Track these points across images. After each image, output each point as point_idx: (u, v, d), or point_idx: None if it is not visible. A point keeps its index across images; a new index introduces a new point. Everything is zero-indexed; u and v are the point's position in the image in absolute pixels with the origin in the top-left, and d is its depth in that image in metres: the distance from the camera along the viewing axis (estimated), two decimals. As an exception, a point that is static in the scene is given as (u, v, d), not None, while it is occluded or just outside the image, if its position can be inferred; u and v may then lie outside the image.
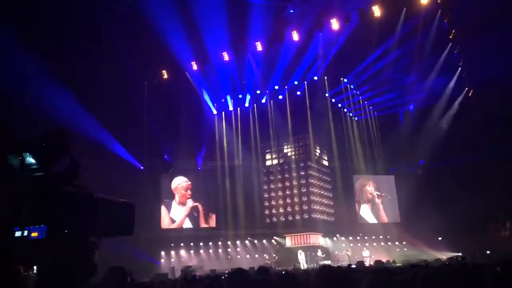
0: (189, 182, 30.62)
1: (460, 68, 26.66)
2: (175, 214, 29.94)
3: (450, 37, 24.89)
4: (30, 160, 2.52)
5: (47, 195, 2.49)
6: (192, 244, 29.80)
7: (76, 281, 2.58)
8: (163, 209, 29.69)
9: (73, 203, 2.56)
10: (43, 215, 2.46)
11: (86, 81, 20.91)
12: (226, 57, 27.58)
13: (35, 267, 2.55)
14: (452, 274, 4.09)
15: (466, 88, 27.11)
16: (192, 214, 30.42)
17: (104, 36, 21.52)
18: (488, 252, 23.49)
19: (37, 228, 2.44)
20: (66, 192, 2.56)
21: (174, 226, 29.69)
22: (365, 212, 32.61)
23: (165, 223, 29.51)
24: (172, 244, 29.06)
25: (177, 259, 28.63)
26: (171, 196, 30.16)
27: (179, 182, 30.45)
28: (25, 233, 2.43)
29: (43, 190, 2.50)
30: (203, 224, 30.64)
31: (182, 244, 29.36)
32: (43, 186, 2.52)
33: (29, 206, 2.47)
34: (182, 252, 29.33)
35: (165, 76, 28.85)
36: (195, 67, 28.38)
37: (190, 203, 30.47)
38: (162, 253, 28.62)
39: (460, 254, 22.51)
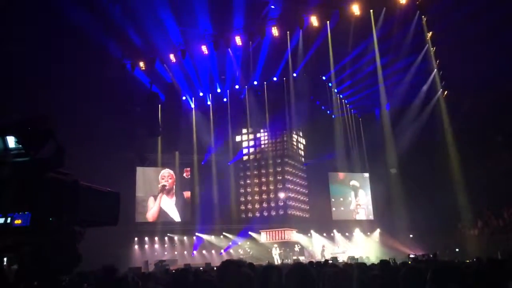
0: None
1: (435, 69, 27.16)
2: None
3: (428, 38, 25.34)
4: (15, 144, 2.43)
5: (32, 181, 2.40)
6: (166, 238, 29.62)
7: (60, 271, 2.51)
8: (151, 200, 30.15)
9: (59, 190, 2.48)
10: (27, 202, 2.37)
11: (61, 71, 20.39)
12: (205, 50, 27.38)
13: (5, 259, 2.48)
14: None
15: (441, 89, 27.64)
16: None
17: (81, 25, 21.05)
18: (457, 250, 24.19)
19: (20, 215, 2.35)
20: (52, 178, 2.47)
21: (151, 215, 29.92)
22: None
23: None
24: (145, 238, 28.81)
25: (150, 253, 28.40)
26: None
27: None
28: (8, 220, 2.34)
29: (28, 176, 2.41)
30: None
31: (155, 238, 29.14)
32: (28, 172, 2.43)
33: (12, 192, 2.38)
34: (156, 246, 29.11)
35: (143, 67, 28.47)
36: (173, 59, 28.08)
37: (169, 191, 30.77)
38: (136, 246, 28.33)
39: (428, 252, 23.07)
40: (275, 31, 25.64)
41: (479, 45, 21.63)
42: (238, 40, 26.48)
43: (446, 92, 27.32)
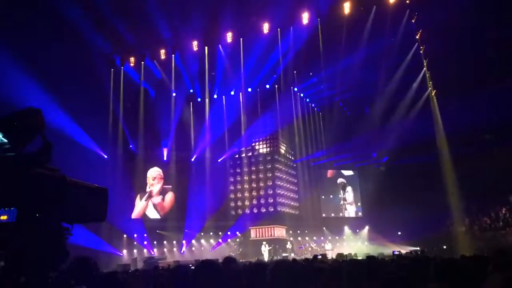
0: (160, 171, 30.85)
1: (425, 68, 27.30)
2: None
3: (417, 37, 25.47)
4: (1, 139, 2.39)
5: (18, 176, 2.37)
6: (155, 235, 29.48)
7: (47, 267, 2.48)
8: (138, 198, 30.22)
9: (45, 186, 2.44)
10: (14, 197, 2.34)
11: (49, 66, 20.18)
12: (195, 47, 27.26)
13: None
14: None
15: (430, 88, 27.79)
16: (156, 204, 30.48)
17: (69, 21, 20.85)
18: (444, 247, 24.41)
19: (6, 211, 2.32)
20: (38, 174, 2.44)
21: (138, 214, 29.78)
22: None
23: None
24: (135, 235, 28.64)
25: (139, 250, 28.25)
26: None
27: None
28: (-6, 216, 2.31)
29: (14, 171, 2.38)
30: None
31: (145, 235, 28.97)
32: (14, 167, 2.39)
33: (-2, 188, 2.34)
34: (145, 243, 28.96)
35: (133, 63, 28.31)
36: (163, 56, 27.94)
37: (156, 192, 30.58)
38: (124, 243, 28.15)
39: (418, 248, 23.31)
40: (265, 28, 25.65)
41: (468, 44, 21.79)
42: (229, 37, 26.44)
43: (435, 90, 27.48)
